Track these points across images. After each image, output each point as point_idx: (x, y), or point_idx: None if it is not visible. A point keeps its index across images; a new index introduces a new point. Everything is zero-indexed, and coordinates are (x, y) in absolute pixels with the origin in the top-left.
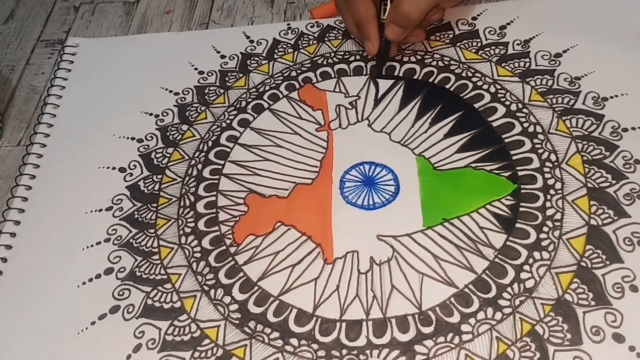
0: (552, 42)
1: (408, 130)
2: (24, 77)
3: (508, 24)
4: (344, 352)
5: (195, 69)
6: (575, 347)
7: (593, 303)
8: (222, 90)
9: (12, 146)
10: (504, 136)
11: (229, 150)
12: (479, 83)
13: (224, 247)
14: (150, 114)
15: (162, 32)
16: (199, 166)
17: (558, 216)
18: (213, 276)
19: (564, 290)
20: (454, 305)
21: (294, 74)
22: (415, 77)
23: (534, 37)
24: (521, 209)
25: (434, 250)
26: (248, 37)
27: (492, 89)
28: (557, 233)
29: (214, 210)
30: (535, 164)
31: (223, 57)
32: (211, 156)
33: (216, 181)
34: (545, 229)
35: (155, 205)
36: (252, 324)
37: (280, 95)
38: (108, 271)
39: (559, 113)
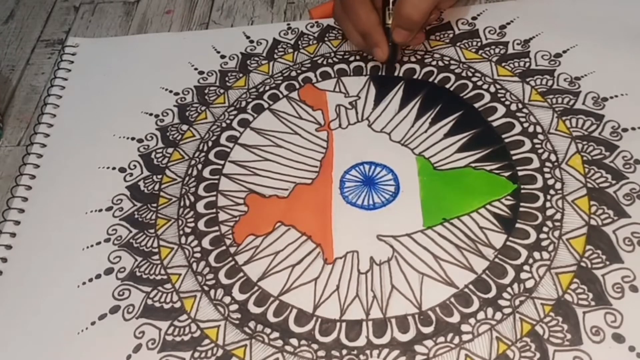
0: (552, 42)
1: (408, 130)
2: (24, 77)
3: (508, 23)
4: (344, 352)
5: (195, 69)
6: (575, 347)
7: (593, 303)
8: (222, 90)
9: (12, 146)
10: (504, 136)
11: (229, 150)
12: (479, 83)
13: (224, 247)
14: (150, 114)
15: (162, 32)
16: (199, 166)
17: (558, 216)
18: (213, 276)
19: (564, 290)
20: (454, 305)
21: (294, 74)
22: (415, 77)
23: (534, 37)
24: (521, 209)
25: (434, 250)
26: (248, 37)
27: (492, 89)
28: (557, 233)
29: (214, 210)
30: (535, 164)
31: (223, 57)
32: (211, 156)
33: (216, 181)
34: (545, 229)
35: (155, 205)
36: (252, 324)
37: (280, 95)
38: (108, 271)
39: (559, 113)
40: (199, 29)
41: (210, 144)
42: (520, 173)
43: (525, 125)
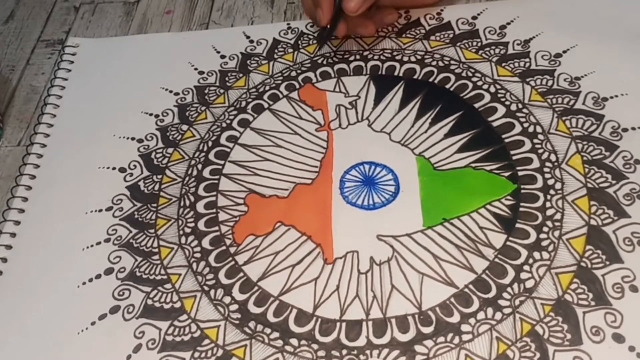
0: (552, 42)
1: (408, 130)
2: (24, 77)
3: (508, 23)
4: (344, 352)
5: (195, 69)
6: (575, 347)
7: (593, 303)
8: (222, 90)
9: (12, 146)
10: (504, 136)
11: (229, 150)
12: (479, 83)
13: (224, 247)
14: (150, 114)
15: (162, 32)
16: (199, 166)
17: (558, 216)
18: (213, 276)
19: (564, 290)
20: (454, 305)
21: (294, 73)
22: (415, 77)
23: (534, 37)
24: (521, 209)
25: (434, 250)
26: (248, 37)
27: (492, 89)
28: (557, 233)
29: (214, 210)
30: (535, 164)
31: (223, 57)
32: (211, 156)
33: (216, 181)
34: (545, 229)
35: (155, 205)
36: (252, 324)
37: (280, 95)
38: (108, 271)
39: (559, 113)
40: (199, 29)
41: (210, 144)
42: (520, 173)
43: (525, 125)
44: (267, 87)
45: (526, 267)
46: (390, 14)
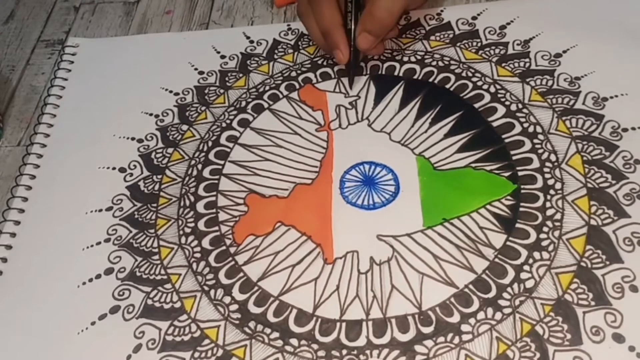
0: (552, 42)
1: (408, 130)
2: (24, 77)
3: (508, 23)
4: (344, 352)
5: (195, 69)
6: (575, 347)
7: (593, 303)
8: (222, 90)
9: (12, 146)
10: (504, 136)
11: (229, 150)
12: (479, 83)
13: (224, 247)
14: (150, 114)
15: (162, 32)
16: (199, 166)
17: (558, 216)
18: (213, 276)
19: (564, 290)
20: (454, 305)
21: (294, 74)
22: (415, 77)
23: (534, 37)
24: (521, 209)
25: (434, 250)
26: (248, 38)
27: (492, 89)
28: (557, 233)
29: (214, 211)
30: (535, 164)
31: (223, 57)
32: (211, 156)
33: (216, 181)
34: (545, 229)
35: (155, 205)
36: (252, 324)
37: (280, 96)
38: (108, 271)
39: (559, 113)
40: (199, 29)
41: (210, 144)
42: (520, 173)
43: (525, 125)
44: (267, 87)
45: (526, 267)
46: (392, 30)
